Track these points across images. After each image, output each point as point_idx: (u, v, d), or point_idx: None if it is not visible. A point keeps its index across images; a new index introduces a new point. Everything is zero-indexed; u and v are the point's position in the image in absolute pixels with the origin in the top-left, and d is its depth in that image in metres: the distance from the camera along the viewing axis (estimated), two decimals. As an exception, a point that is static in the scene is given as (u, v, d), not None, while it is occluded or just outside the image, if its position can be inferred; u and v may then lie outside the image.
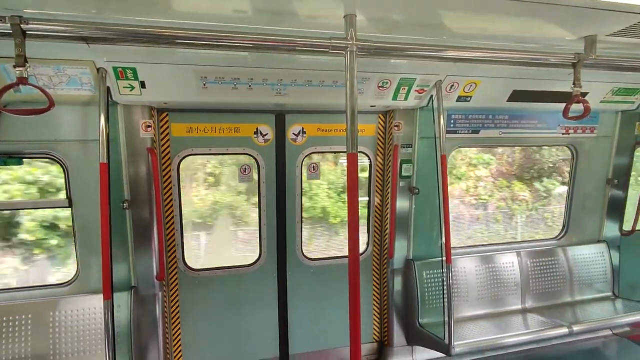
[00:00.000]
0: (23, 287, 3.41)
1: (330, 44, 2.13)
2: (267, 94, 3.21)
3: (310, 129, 3.92)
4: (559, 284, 4.73)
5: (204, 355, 3.91)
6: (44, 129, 3.15)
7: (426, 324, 4.05)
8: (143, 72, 2.84)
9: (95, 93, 2.89)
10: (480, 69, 3.35)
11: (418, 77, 3.35)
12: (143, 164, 3.34)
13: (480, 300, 4.42)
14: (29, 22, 1.84)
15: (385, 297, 4.31)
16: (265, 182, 3.88)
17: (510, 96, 3.82)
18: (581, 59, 2.63)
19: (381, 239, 4.29)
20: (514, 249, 4.67)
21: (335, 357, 4.27)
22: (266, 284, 4.03)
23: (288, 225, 4.00)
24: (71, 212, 3.35)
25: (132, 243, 3.44)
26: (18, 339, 3.18)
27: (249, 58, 2.84)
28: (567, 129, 4.54)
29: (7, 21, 1.80)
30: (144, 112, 3.29)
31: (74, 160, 3.27)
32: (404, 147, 3.94)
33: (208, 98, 3.17)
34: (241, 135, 3.75)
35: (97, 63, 2.72)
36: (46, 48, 2.43)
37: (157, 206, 3.41)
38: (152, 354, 3.56)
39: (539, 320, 4.24)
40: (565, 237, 4.95)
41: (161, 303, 3.57)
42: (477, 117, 4.17)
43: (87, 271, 3.41)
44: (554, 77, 3.49)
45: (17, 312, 3.21)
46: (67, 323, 3.28)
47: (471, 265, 4.43)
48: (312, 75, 3.13)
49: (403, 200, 4.07)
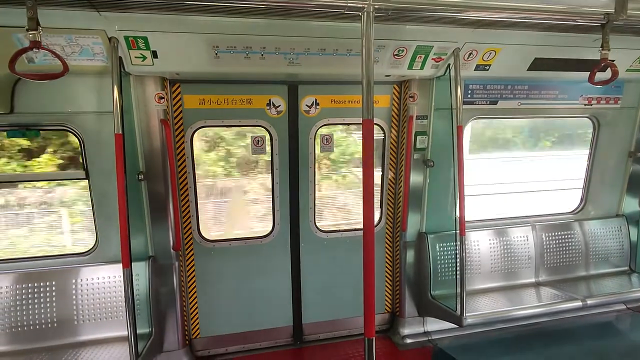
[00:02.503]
0: (47, 255, 3.54)
1: (346, 4, 2.05)
2: (279, 63, 3.14)
3: (324, 100, 3.85)
4: (574, 258, 4.68)
5: (220, 323, 4.04)
6: (60, 101, 3.17)
7: (438, 296, 4.09)
8: (154, 41, 2.80)
9: (107, 64, 2.87)
10: (500, 36, 3.21)
11: (435, 44, 3.23)
12: (157, 136, 3.36)
13: (493, 274, 4.42)
14: None
15: (398, 269, 4.34)
16: (278, 154, 3.87)
17: (532, 65, 3.66)
18: (611, 19, 2.49)
19: (394, 212, 4.28)
20: (529, 223, 4.61)
21: (347, 327, 4.36)
22: (280, 255, 4.09)
23: (301, 197, 4.01)
24: (88, 183, 3.42)
25: (149, 214, 3.50)
26: (44, 304, 3.33)
27: (262, 25, 2.77)
28: (590, 100, 4.37)
29: None
30: (157, 83, 3.28)
31: (89, 132, 3.30)
32: (419, 119, 3.86)
33: (220, 68, 3.12)
34: (254, 107, 3.72)
35: (108, 32, 2.68)
36: (57, 17, 2.41)
37: (171, 178, 3.45)
38: (170, 321, 3.69)
39: (552, 294, 4.23)
40: (582, 210, 4.86)
41: (178, 273, 3.67)
42: (495, 87, 4.03)
43: (106, 241, 3.51)
44: (579, 44, 3.33)
45: (42, 278, 3.34)
46: (88, 290, 3.41)
47: (485, 238, 4.41)
48: (326, 43, 3.04)
49: (417, 173, 4.02)
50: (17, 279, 3.31)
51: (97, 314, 3.43)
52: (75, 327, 3.38)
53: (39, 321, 3.32)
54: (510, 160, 9.11)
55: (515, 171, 8.87)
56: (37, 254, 3.88)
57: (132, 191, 3.23)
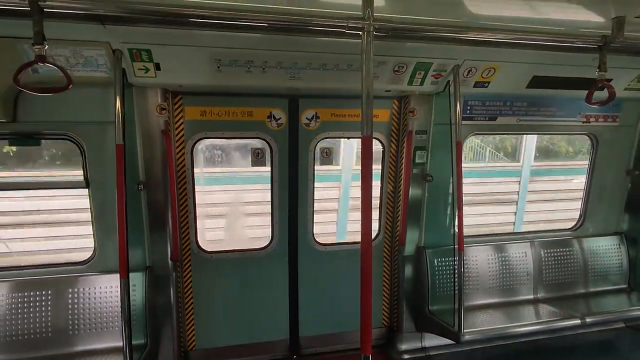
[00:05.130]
0: (44, 264, 3.53)
1: (347, 24, 2.08)
2: (281, 77, 3.18)
3: (324, 114, 3.88)
4: (572, 275, 4.67)
5: (216, 335, 4.00)
6: (61, 111, 3.19)
7: (436, 311, 4.06)
8: (158, 53, 2.84)
9: (110, 75, 2.91)
10: (499, 54, 3.25)
11: (435, 61, 3.28)
12: (157, 146, 3.38)
13: (491, 289, 4.40)
14: (47, 0, 1.84)
15: (396, 284, 4.32)
16: (277, 166, 3.88)
17: (530, 82, 3.71)
18: (608, 41, 2.53)
19: (392, 226, 4.28)
20: (527, 239, 4.60)
21: (344, 340, 4.32)
22: (277, 267, 4.08)
23: (300, 210, 4.02)
24: (88, 192, 3.42)
25: (147, 224, 3.50)
26: (39, 313, 3.30)
27: (264, 40, 2.81)
28: (588, 117, 4.41)
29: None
30: (159, 95, 3.30)
31: (90, 142, 3.32)
32: (418, 134, 3.89)
33: (222, 81, 3.15)
34: (254, 120, 3.75)
35: (112, 44, 2.72)
36: (63, 29, 2.45)
37: (171, 188, 3.45)
38: (166, 332, 3.65)
39: (550, 311, 4.21)
40: (581, 228, 4.86)
41: (175, 283, 3.65)
42: (494, 104, 4.07)
43: (104, 251, 3.50)
44: (577, 63, 3.36)
45: (39, 287, 3.32)
46: (84, 300, 3.39)
47: (483, 254, 4.39)
48: (327, 59, 3.08)
49: (416, 187, 4.03)
50: (14, 287, 3.29)
51: (93, 324, 3.40)
52: (70, 337, 3.35)
53: (34, 330, 3.29)
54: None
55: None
56: (35, 262, 3.87)
57: (131, 201, 3.23)
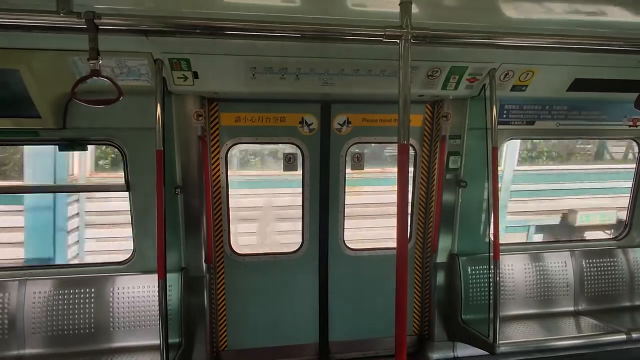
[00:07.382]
0: (87, 263, 3.71)
1: (384, 32, 2.07)
2: (314, 83, 3.21)
3: (356, 119, 3.88)
4: (617, 287, 4.42)
5: (247, 337, 4.07)
6: (105, 118, 3.35)
7: (469, 320, 3.95)
8: (196, 63, 2.94)
9: (151, 83, 3.03)
10: (538, 57, 3.14)
11: (470, 65, 3.20)
12: (194, 151, 3.48)
13: (528, 300, 4.23)
14: (101, 17, 1.94)
15: (427, 291, 4.24)
16: (309, 171, 3.91)
17: (572, 85, 3.55)
18: None
19: (424, 232, 4.21)
20: (567, 248, 4.41)
21: (374, 347, 4.28)
22: (308, 271, 4.10)
23: (331, 215, 4.03)
24: (129, 196, 3.57)
25: (183, 227, 3.61)
26: (83, 309, 3.48)
27: (298, 48, 2.85)
28: (635, 121, 4.17)
29: (82, 16, 1.90)
30: (196, 102, 3.42)
31: (131, 147, 3.47)
32: (452, 139, 3.81)
33: (256, 88, 3.22)
34: (287, 125, 3.80)
35: (154, 55, 2.84)
36: (110, 42, 2.58)
37: (206, 193, 3.55)
38: (199, 332, 3.75)
39: (592, 324, 4.00)
40: (627, 237, 4.60)
41: (209, 285, 3.75)
42: (532, 108, 3.92)
43: (142, 252, 3.63)
44: (623, 65, 3.21)
45: (82, 284, 3.50)
46: (124, 298, 3.54)
47: (519, 262, 4.24)
48: (361, 65, 3.08)
49: (449, 193, 3.95)
50: (58, 285, 3.48)
51: (131, 322, 3.54)
52: (111, 333, 3.51)
53: (77, 326, 3.46)
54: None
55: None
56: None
57: (169, 204, 3.35)
